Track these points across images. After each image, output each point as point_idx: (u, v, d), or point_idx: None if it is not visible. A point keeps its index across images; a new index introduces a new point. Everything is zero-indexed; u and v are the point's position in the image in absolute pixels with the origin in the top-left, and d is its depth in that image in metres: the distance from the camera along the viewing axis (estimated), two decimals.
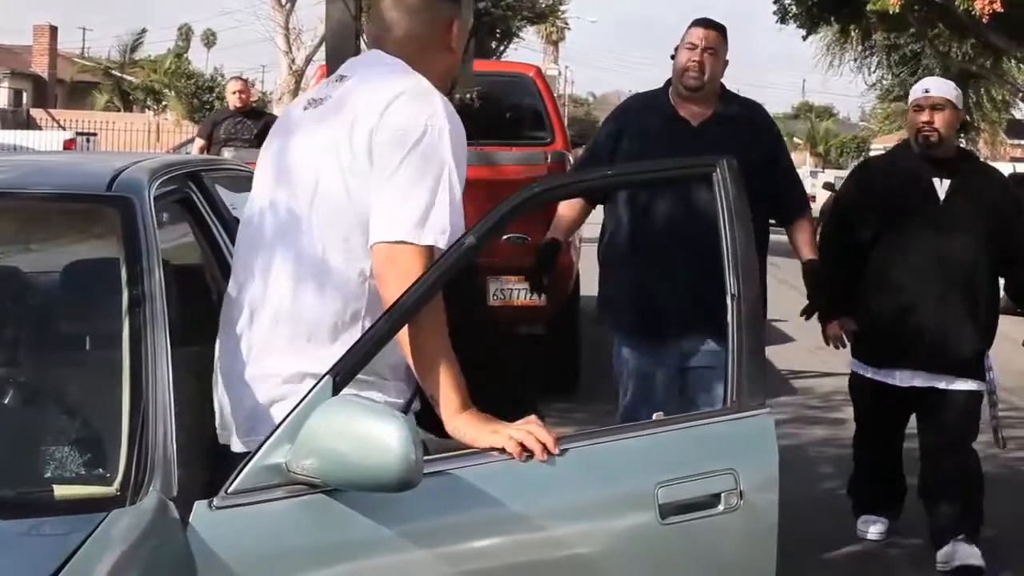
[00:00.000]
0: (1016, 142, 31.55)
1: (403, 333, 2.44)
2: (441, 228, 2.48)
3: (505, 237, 6.19)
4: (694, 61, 4.47)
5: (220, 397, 2.67)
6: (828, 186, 25.62)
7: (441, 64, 2.75)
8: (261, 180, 2.77)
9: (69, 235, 2.99)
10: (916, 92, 4.93)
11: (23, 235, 2.93)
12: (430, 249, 2.47)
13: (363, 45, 6.10)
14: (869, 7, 19.19)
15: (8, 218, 2.88)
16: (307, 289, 2.56)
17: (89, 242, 2.90)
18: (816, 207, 20.18)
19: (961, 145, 5.28)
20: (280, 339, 2.57)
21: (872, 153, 41.39)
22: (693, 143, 4.27)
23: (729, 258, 2.64)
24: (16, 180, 2.84)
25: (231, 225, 3.49)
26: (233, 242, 3.45)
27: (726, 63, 4.60)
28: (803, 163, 60.45)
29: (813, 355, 10.32)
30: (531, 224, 5.31)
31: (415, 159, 2.50)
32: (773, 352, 10.32)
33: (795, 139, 66.42)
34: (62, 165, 3.26)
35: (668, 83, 4.61)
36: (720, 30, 4.58)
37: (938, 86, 4.97)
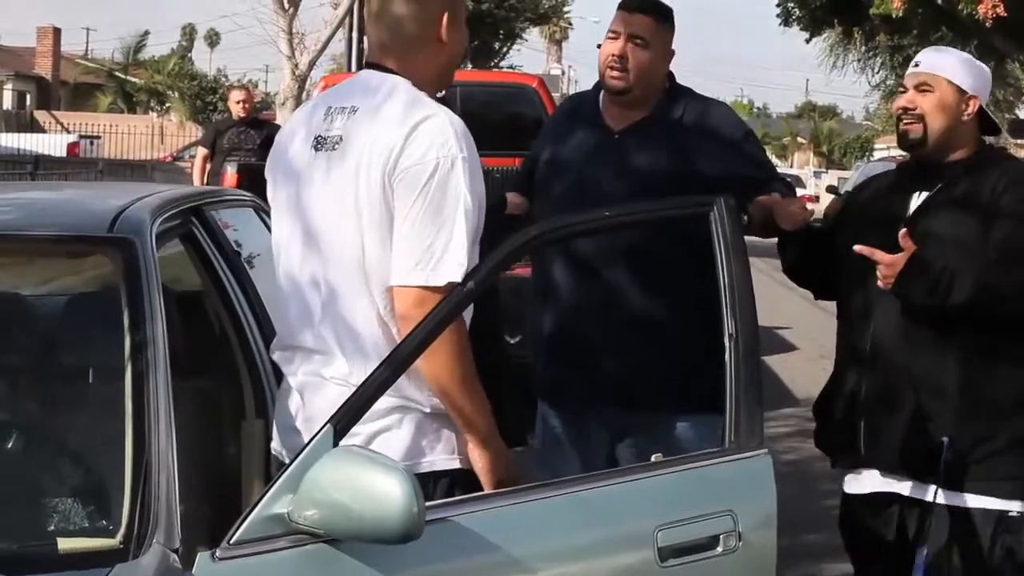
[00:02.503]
0: (1019, 142, 31.58)
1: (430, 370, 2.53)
2: (458, 262, 2.52)
3: None
4: (613, 56, 3.42)
5: None
6: (831, 189, 25.56)
7: (433, 58, 2.71)
8: (287, 241, 2.74)
9: (71, 277, 3.00)
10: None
11: (25, 277, 2.94)
12: (449, 285, 2.51)
13: None
14: (872, 10, 19.23)
15: (9, 261, 2.88)
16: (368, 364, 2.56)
17: (91, 284, 2.91)
18: (819, 209, 20.12)
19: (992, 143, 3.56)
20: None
21: (876, 154, 41.16)
22: (610, 155, 3.46)
23: (727, 298, 2.66)
24: (17, 221, 2.85)
25: (233, 258, 3.51)
26: (235, 274, 3.48)
27: (670, 55, 3.51)
28: (807, 163, 60.54)
29: (816, 364, 10.33)
30: None
31: (429, 197, 2.52)
32: (776, 361, 10.34)
33: (799, 139, 66.54)
34: (63, 204, 3.27)
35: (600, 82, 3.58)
36: (654, 13, 3.45)
37: (931, 59, 3.37)
